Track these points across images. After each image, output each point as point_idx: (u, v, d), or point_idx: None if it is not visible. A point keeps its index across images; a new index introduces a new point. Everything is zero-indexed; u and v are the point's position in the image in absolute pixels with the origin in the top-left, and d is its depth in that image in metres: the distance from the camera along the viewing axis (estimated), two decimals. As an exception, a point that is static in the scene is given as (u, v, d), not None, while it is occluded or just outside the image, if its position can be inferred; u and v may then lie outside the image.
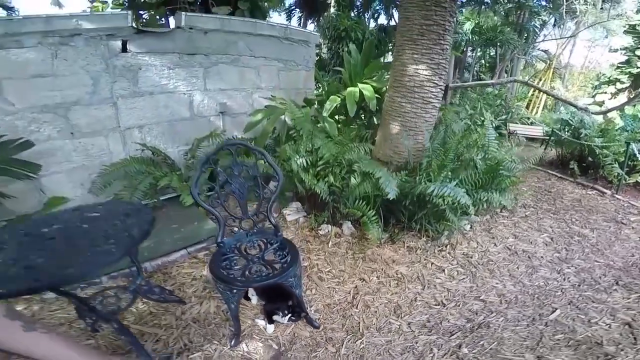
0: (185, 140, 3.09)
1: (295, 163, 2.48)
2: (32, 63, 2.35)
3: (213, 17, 3.27)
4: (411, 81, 2.77)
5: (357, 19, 8.00)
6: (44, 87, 2.41)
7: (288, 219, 2.76)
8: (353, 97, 3.36)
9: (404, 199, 2.40)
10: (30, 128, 2.39)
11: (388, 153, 2.94)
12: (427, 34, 2.65)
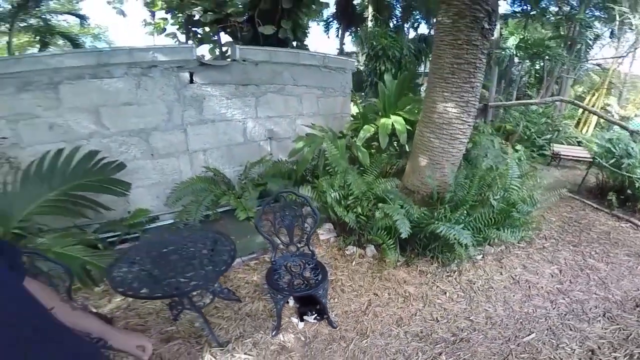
0: (240, 162, 3.59)
1: (330, 196, 2.84)
2: (121, 92, 2.93)
3: (262, 49, 3.74)
4: (440, 118, 2.90)
5: (395, 35, 8.14)
6: (131, 114, 2.99)
7: (321, 238, 3.12)
8: (385, 130, 3.61)
9: (419, 233, 2.64)
10: (121, 149, 2.99)
11: (415, 183, 3.14)
12: (457, 73, 2.75)
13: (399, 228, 2.40)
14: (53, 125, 2.77)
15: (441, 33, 2.86)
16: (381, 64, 6.82)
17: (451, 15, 2.75)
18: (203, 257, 1.81)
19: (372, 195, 2.85)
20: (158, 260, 1.78)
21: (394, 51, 7.17)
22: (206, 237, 2.01)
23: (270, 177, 3.48)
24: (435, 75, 2.91)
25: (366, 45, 7.55)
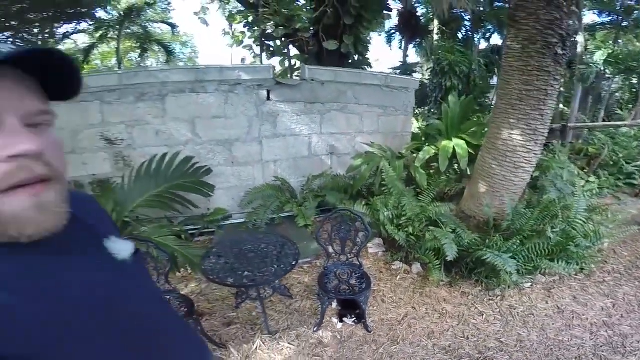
0: (303, 174, 3.96)
1: (383, 215, 3.01)
2: (212, 106, 3.46)
3: (328, 69, 4.03)
4: (504, 145, 2.84)
5: (463, 48, 7.83)
6: (219, 126, 3.51)
7: (370, 251, 3.28)
8: (446, 153, 3.62)
9: (466, 257, 2.68)
10: (208, 156, 3.53)
11: (472, 209, 3.12)
12: (526, 100, 2.67)
13: (445, 251, 2.50)
14: (159, 131, 3.39)
15: (510, 58, 2.80)
16: (447, 80, 6.64)
17: (521, 40, 2.68)
18: (273, 257, 2.19)
19: (425, 218, 2.94)
20: (239, 256, 2.20)
21: (462, 67, 6.91)
22: (276, 240, 2.39)
23: (329, 189, 3.77)
24: (502, 101, 2.86)
25: (431, 59, 7.40)
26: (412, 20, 10.97)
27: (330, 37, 6.03)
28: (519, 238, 2.67)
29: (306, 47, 6.08)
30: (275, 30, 5.93)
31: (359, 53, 6.41)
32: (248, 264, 2.12)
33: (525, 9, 2.66)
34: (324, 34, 6.06)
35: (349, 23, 6.22)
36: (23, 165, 0.35)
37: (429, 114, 6.55)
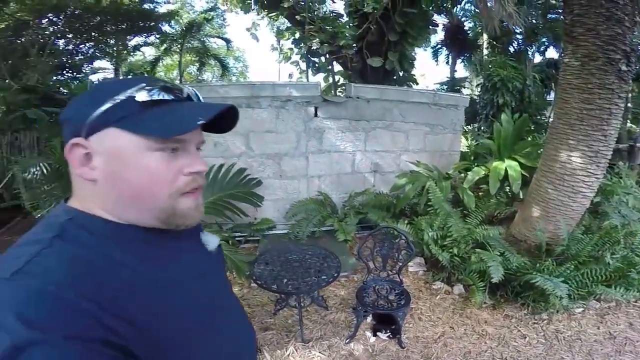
0: (345, 190, 4.04)
1: (427, 234, 2.99)
2: (265, 121, 3.69)
3: (374, 87, 4.10)
4: (562, 168, 2.69)
5: (516, 62, 7.45)
6: (270, 140, 3.74)
7: (410, 270, 3.25)
8: (497, 175, 3.48)
9: (514, 280, 2.59)
10: (259, 168, 3.76)
11: (523, 232, 3.00)
12: (587, 119, 2.52)
13: (491, 273, 2.45)
14: (217, 143, 3.70)
15: (568, 75, 2.66)
16: (499, 97, 6.34)
17: (579, 57, 2.55)
18: (316, 268, 2.31)
19: (472, 240, 2.88)
20: (284, 264, 2.35)
21: (515, 82, 6.57)
22: (320, 253, 2.51)
23: (371, 207, 3.80)
24: (560, 121, 2.72)
25: (481, 75, 7.13)
26: (459, 35, 10.70)
27: (374, 53, 6.12)
28: (574, 263, 2.58)
29: (350, 63, 6.22)
30: (320, 47, 6.17)
31: (404, 69, 6.41)
32: (292, 272, 2.25)
33: (583, 24, 2.54)
34: (367, 50, 6.17)
35: (394, 39, 6.27)
36: (196, 179, 0.52)
37: (479, 132, 6.28)
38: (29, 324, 0.36)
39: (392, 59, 5.88)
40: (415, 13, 6.37)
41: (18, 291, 0.38)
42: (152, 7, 9.12)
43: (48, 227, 0.46)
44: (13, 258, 0.41)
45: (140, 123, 0.46)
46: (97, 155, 0.47)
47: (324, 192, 3.91)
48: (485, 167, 3.74)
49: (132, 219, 0.49)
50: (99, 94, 0.48)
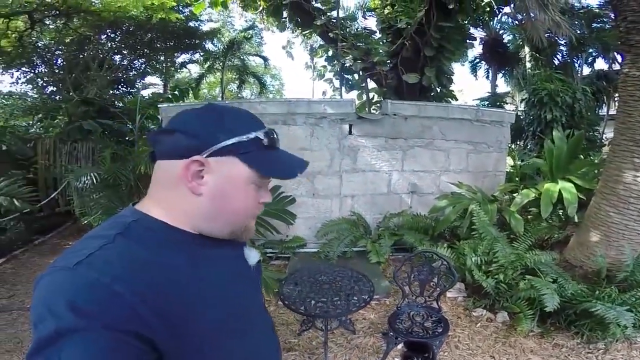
0: (380, 211, 3.88)
1: (470, 260, 2.79)
2: (300, 138, 3.66)
3: (412, 104, 3.95)
4: (627, 190, 2.51)
5: (562, 75, 6.96)
6: (305, 157, 3.61)
7: (448, 295, 3.03)
8: (550, 198, 3.24)
9: (569, 308, 2.43)
10: (293, 187, 3.72)
11: (580, 258, 2.81)
12: None
13: (544, 301, 2.33)
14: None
15: (629, 87, 2.47)
16: (546, 112, 5.90)
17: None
18: (347, 291, 2.19)
19: (520, 266, 2.70)
20: (313, 285, 2.25)
21: (564, 96, 6.12)
22: (351, 275, 2.38)
23: (407, 229, 3.62)
24: (622, 137, 2.54)
25: (525, 89, 6.72)
26: (498, 48, 10.28)
27: (410, 69, 5.99)
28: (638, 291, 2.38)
29: (384, 80, 6.14)
30: (354, 64, 6.17)
31: (442, 85, 6.20)
32: (322, 294, 2.15)
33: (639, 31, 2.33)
34: (402, 66, 6.05)
35: (430, 55, 6.12)
36: (262, 207, 0.63)
37: (526, 151, 5.86)
38: (76, 311, 0.40)
39: (429, 74, 5.71)
40: (452, 27, 6.21)
41: (76, 280, 0.43)
42: (196, 25, 9.67)
43: (114, 225, 0.52)
44: (79, 250, 0.47)
45: (257, 161, 0.57)
46: (210, 174, 0.54)
47: (357, 212, 3.78)
48: (536, 189, 3.50)
49: (208, 229, 0.57)
50: (229, 124, 0.56)
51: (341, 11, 7.41)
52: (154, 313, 0.44)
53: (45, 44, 8.03)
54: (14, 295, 3.34)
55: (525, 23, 5.04)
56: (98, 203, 3.77)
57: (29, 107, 8.19)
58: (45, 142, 6.05)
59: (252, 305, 0.66)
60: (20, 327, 2.74)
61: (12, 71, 8.21)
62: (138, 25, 8.00)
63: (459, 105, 4.23)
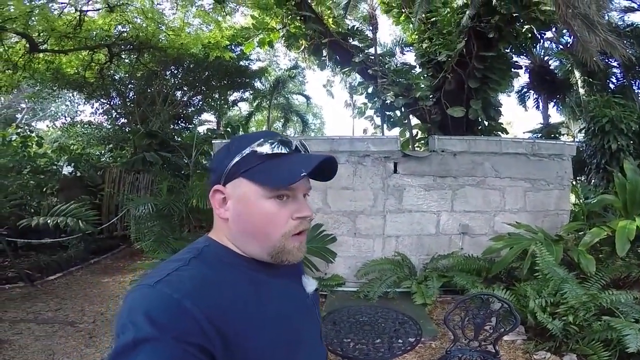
0: (427, 252, 3.67)
1: (534, 301, 2.57)
2: (342, 177, 3.63)
3: (461, 139, 3.78)
4: None
5: (622, 98, 6.34)
6: (347, 197, 3.66)
7: (504, 338, 2.73)
8: (626, 235, 2.93)
9: None
10: (334, 225, 3.69)
11: None
12: None
13: (626, 342, 2.15)
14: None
15: None
16: (610, 141, 5.34)
17: None
18: (391, 333, 2.05)
19: (594, 306, 2.49)
20: (354, 326, 2.12)
21: (629, 122, 5.53)
22: (396, 317, 2.23)
23: (458, 270, 3.37)
24: None
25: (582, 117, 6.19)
26: (546, 75, 9.69)
27: (454, 103, 5.81)
28: None
29: (428, 115, 6.00)
30: (396, 100, 6.14)
31: (490, 118, 5.93)
32: (362, 336, 2.02)
33: None
34: (446, 100, 5.91)
35: (474, 86, 5.94)
36: (302, 222, 0.59)
37: (590, 187, 5.28)
38: (152, 323, 0.45)
39: (475, 107, 5.50)
40: (494, 56, 6.05)
41: (154, 296, 0.48)
42: (246, 65, 10.44)
43: (191, 250, 0.58)
44: (160, 271, 0.53)
45: (258, 174, 0.56)
46: (230, 199, 0.59)
47: (401, 253, 3.60)
48: (608, 227, 3.16)
49: (250, 251, 0.59)
50: (233, 148, 0.59)
51: (379, 48, 7.60)
52: (216, 329, 0.48)
53: (121, 77, 9.10)
54: (60, 309, 3.55)
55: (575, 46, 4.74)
56: (151, 231, 4.06)
57: (102, 137, 9.23)
58: (113, 171, 6.75)
59: (307, 332, 0.65)
60: (57, 340, 2.87)
61: (92, 102, 9.36)
62: (197, 63, 8.82)
63: (512, 138, 3.97)
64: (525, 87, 10.45)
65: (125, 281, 4.43)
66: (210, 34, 7.93)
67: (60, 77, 7.87)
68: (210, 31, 8.21)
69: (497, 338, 2.10)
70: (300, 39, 7.13)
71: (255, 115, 13.77)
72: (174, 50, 7.96)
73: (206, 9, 8.00)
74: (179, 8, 7.82)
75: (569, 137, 9.43)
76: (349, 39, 7.24)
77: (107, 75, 8.48)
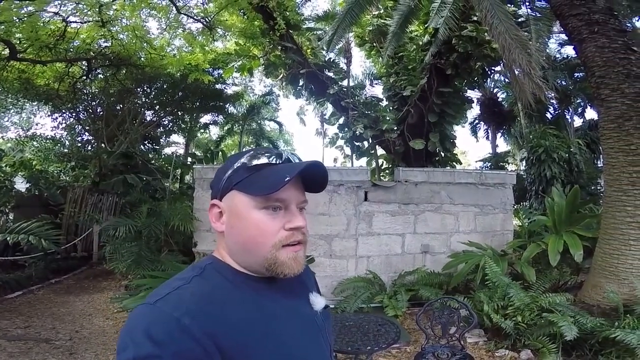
0: (394, 269, 4.10)
1: (487, 305, 2.99)
2: (319, 204, 4.00)
3: (421, 170, 4.34)
4: (625, 235, 2.67)
5: (556, 130, 7.33)
6: (323, 222, 4.02)
7: (468, 341, 3.12)
8: (556, 248, 3.46)
9: (590, 339, 2.57)
10: (311, 248, 3.99)
11: (595, 297, 2.97)
12: (639, 183, 2.51)
13: (563, 332, 2.45)
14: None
15: (608, 139, 2.70)
16: (546, 169, 6.21)
17: (613, 119, 2.62)
18: (374, 332, 2.39)
19: (537, 307, 2.86)
20: (342, 329, 2.45)
21: (560, 152, 6.43)
22: (377, 320, 2.61)
23: (422, 284, 3.81)
24: (611, 188, 2.79)
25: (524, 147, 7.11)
26: (494, 108, 10.81)
27: (416, 135, 6.43)
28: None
29: (392, 147, 6.53)
30: (365, 132, 6.65)
31: (446, 149, 6.64)
32: (350, 336, 2.34)
33: (607, 85, 2.65)
34: (409, 133, 6.52)
35: (433, 120, 6.63)
36: (295, 233, 0.59)
37: (531, 210, 6.02)
38: (152, 340, 0.46)
39: (434, 139, 6.18)
40: (451, 91, 6.76)
41: (154, 314, 0.50)
42: (222, 88, 10.40)
43: (194, 268, 0.59)
44: (162, 289, 0.54)
45: (248, 185, 0.58)
46: (225, 213, 0.60)
47: (372, 271, 3.99)
48: (543, 242, 3.71)
49: (248, 266, 0.59)
50: (228, 164, 0.62)
51: (351, 80, 8.16)
52: (217, 347, 0.49)
53: (92, 92, 8.65)
54: (29, 326, 3.50)
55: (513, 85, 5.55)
56: (130, 251, 4.09)
57: (63, 154, 8.62)
58: (76, 191, 6.49)
59: (315, 352, 0.63)
60: (34, 357, 2.86)
61: (56, 115, 8.63)
62: (172, 84, 8.67)
63: (464, 169, 4.60)
64: (477, 118, 11.48)
65: (95, 301, 4.38)
66: (191, 56, 7.94)
67: (29, 87, 7.49)
68: (191, 53, 8.21)
69: (461, 334, 2.51)
70: (280, 68, 7.43)
71: (225, 139, 13.72)
72: (152, 69, 7.89)
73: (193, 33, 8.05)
74: (168, 29, 7.83)
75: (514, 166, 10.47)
76: (325, 71, 7.67)
77: (79, 90, 8.17)
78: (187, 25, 7.99)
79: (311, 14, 9.07)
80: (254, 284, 0.59)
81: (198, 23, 7.71)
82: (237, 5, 6.87)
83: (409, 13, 5.97)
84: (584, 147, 7.81)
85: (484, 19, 4.42)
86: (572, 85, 9.92)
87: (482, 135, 11.56)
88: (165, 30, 7.94)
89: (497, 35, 4.24)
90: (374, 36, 7.77)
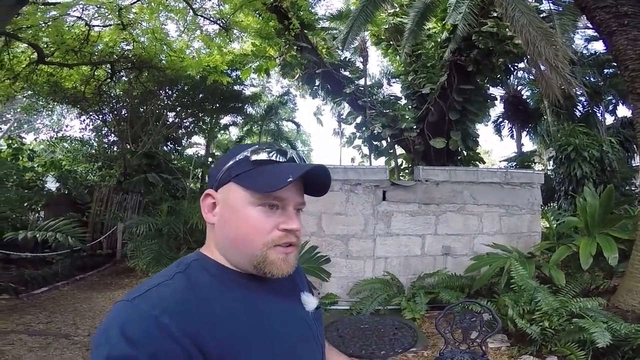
0: (414, 271, 3.97)
1: (512, 310, 2.83)
2: (336, 203, 3.94)
3: (442, 169, 4.19)
4: None
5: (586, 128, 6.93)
6: (340, 222, 3.96)
7: (490, 346, 2.98)
8: (588, 251, 3.27)
9: (624, 346, 2.45)
10: (327, 248, 3.95)
11: (630, 302, 2.90)
12: None
13: (595, 339, 2.33)
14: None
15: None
16: (576, 169, 5.87)
17: None
18: (390, 336, 2.31)
19: (566, 312, 2.73)
20: (356, 332, 2.37)
21: (591, 150, 6.05)
22: (392, 323, 2.50)
23: (443, 287, 3.67)
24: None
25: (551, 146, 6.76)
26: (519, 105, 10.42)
27: (436, 134, 6.24)
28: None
29: (412, 146, 6.41)
30: (383, 131, 6.56)
31: (469, 148, 6.41)
32: (365, 340, 2.27)
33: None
34: (429, 131, 6.35)
35: (455, 118, 6.42)
36: (288, 235, 0.57)
37: (560, 211, 5.72)
38: (127, 339, 0.44)
39: (455, 138, 5.98)
40: (472, 89, 6.55)
41: (130, 312, 0.47)
42: (240, 89, 10.58)
43: (179, 264, 0.57)
44: (142, 285, 0.52)
45: (247, 179, 0.56)
46: (219, 204, 0.58)
47: (390, 273, 3.89)
48: (573, 245, 3.52)
49: (236, 262, 0.57)
50: (230, 154, 0.60)
51: (368, 79, 8.10)
52: (198, 347, 0.46)
53: (117, 94, 9.03)
54: (51, 321, 3.59)
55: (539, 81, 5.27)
56: (150, 249, 4.20)
57: (90, 155, 9.07)
58: (102, 190, 6.79)
59: (306, 352, 0.61)
60: (52, 352, 2.90)
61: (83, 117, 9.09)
62: (192, 85, 8.91)
63: (488, 168, 4.40)
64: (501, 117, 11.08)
65: (116, 297, 4.50)
66: (210, 58, 8.07)
67: (58, 90, 7.86)
68: (209, 54, 8.36)
69: (483, 339, 2.37)
70: (296, 68, 7.47)
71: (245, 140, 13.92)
72: (173, 71, 8.11)
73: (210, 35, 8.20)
74: (186, 31, 8.00)
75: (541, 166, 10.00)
76: (340, 70, 7.70)
77: (104, 92, 8.51)
78: (204, 27, 8.16)
79: (325, 14, 9.08)
80: (243, 281, 0.57)
81: (215, 25, 7.87)
82: (252, 6, 6.95)
83: (425, 10, 5.84)
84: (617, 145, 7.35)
85: (505, 12, 4.26)
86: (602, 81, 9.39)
87: (507, 134, 11.15)
88: (183, 32, 8.13)
89: (520, 28, 4.07)
90: (390, 34, 7.72)
